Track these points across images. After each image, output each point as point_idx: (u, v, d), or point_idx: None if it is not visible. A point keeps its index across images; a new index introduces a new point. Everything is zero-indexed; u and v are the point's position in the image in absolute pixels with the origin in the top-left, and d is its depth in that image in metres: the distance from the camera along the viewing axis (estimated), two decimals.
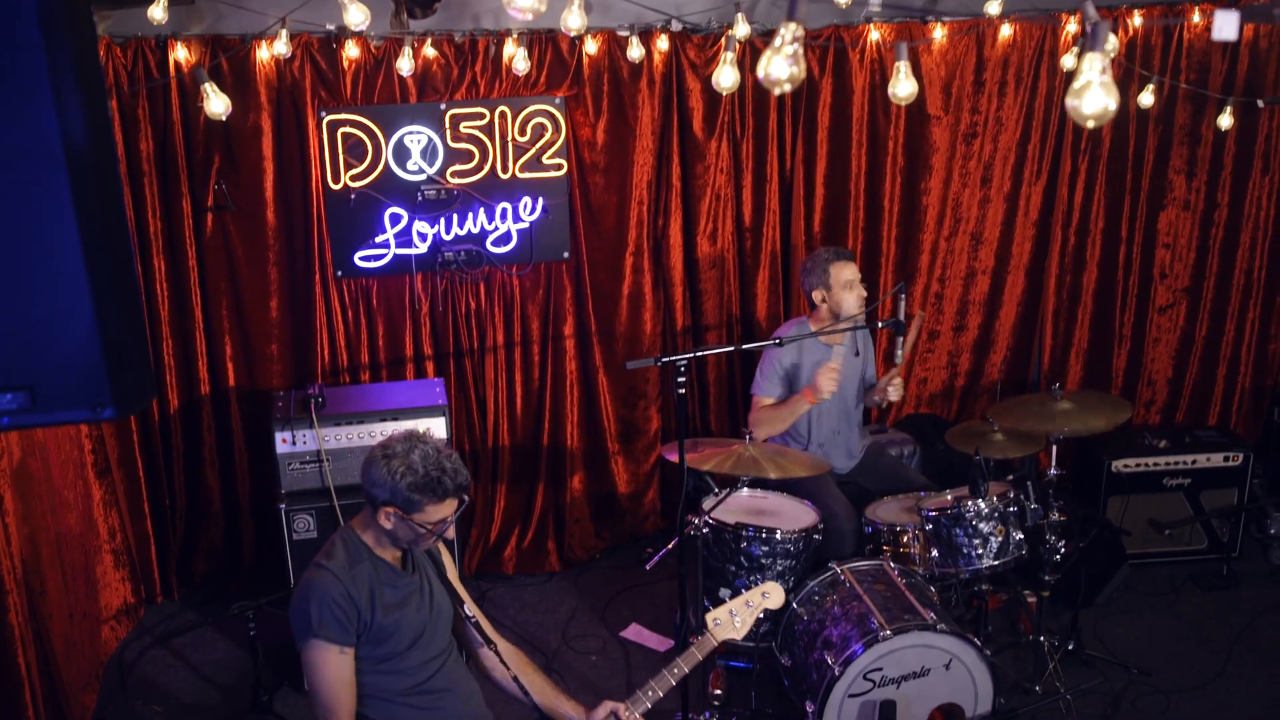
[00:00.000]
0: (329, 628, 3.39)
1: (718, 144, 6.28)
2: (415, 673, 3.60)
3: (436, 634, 3.67)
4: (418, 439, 3.45)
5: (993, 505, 5.05)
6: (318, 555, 3.56)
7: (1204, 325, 7.11)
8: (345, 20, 3.87)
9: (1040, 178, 6.72)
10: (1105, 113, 2.03)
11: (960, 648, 4.70)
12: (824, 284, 5.52)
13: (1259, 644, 5.86)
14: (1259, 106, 6.54)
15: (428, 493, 3.38)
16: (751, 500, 5.42)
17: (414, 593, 3.61)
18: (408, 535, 3.47)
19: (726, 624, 3.92)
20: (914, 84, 3.96)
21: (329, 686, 3.43)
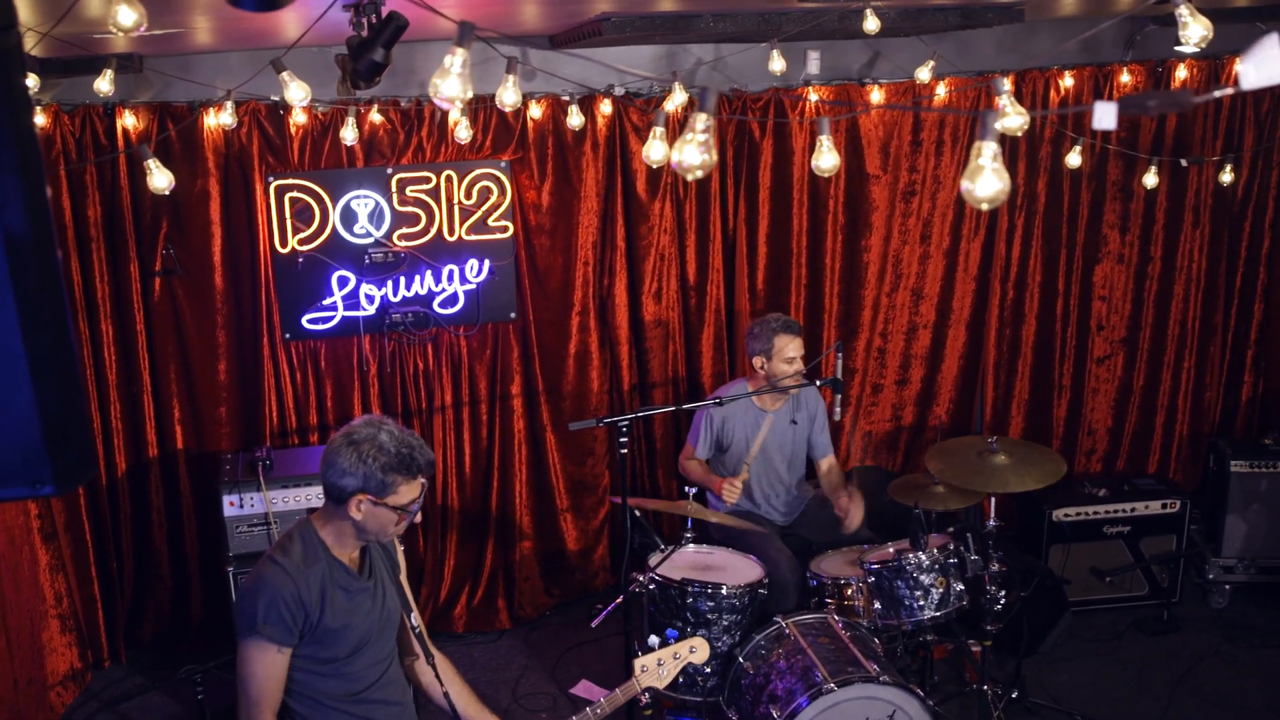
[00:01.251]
0: (273, 627, 3.31)
1: (661, 205, 6.40)
2: (355, 679, 3.52)
3: (382, 641, 3.59)
4: (379, 421, 3.39)
5: (933, 557, 5.13)
6: (271, 548, 3.47)
7: (1141, 375, 7.27)
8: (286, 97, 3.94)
9: (978, 234, 6.87)
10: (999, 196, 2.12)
11: (903, 699, 4.76)
12: (765, 352, 5.62)
13: (1200, 688, 5.95)
14: (1183, 165, 6.72)
15: (402, 470, 3.32)
16: (697, 556, 5.47)
17: (366, 597, 3.51)
18: (379, 524, 3.39)
19: (652, 672, 4.00)
20: (836, 157, 4.06)
21: (260, 683, 3.35)
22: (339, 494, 3.35)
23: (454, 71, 2.61)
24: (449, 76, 2.61)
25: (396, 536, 3.58)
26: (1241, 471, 6.57)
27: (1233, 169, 6.54)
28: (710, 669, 5.11)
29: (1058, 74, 6.68)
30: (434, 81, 2.62)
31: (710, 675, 5.11)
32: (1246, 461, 6.57)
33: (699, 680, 5.12)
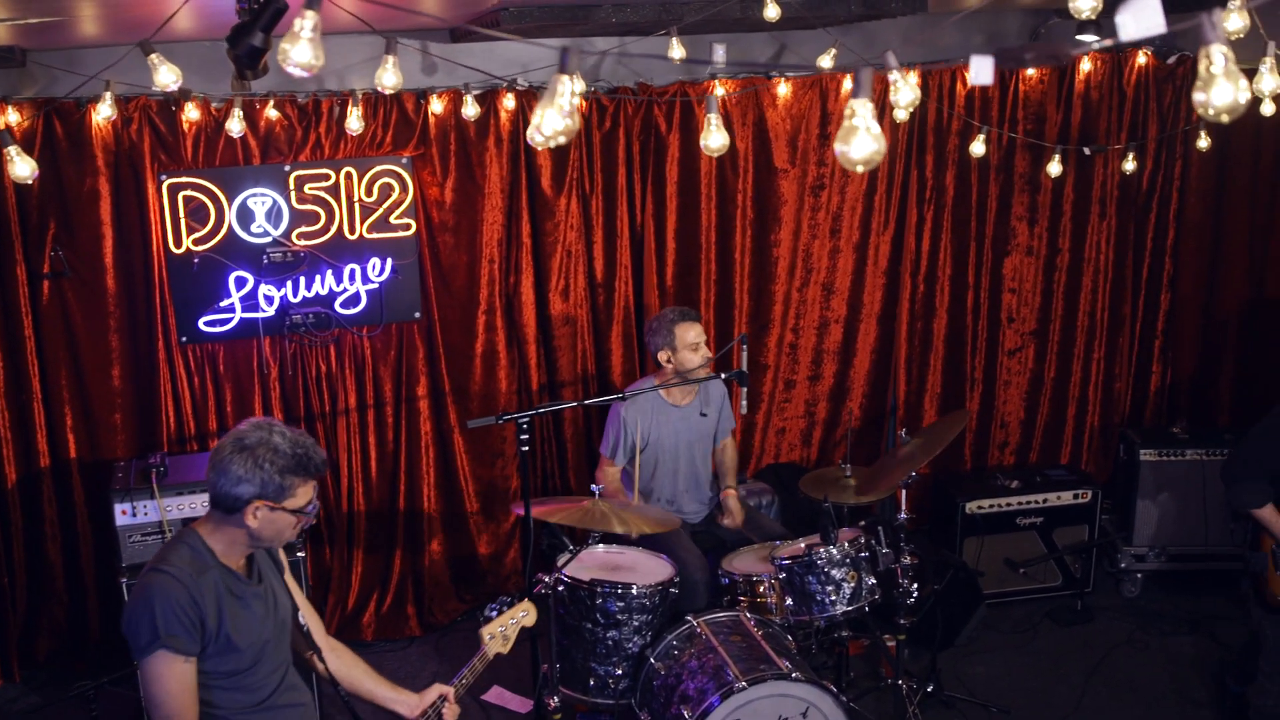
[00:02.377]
0: (177, 637, 3.13)
1: (567, 201, 6.29)
2: (257, 689, 3.38)
3: (280, 645, 3.48)
4: (267, 424, 3.26)
5: (844, 551, 5.08)
6: (154, 559, 3.30)
7: (1052, 367, 7.29)
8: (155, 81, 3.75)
9: (888, 227, 6.85)
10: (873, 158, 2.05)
11: (817, 695, 4.69)
12: (669, 344, 5.54)
13: (1113, 676, 5.97)
14: (1086, 154, 6.75)
15: (299, 472, 3.21)
16: (607, 556, 5.38)
17: (260, 603, 3.38)
18: (275, 530, 3.27)
19: (498, 639, 4.03)
20: (724, 136, 3.97)
21: (173, 697, 3.17)
22: (232, 503, 3.21)
23: (304, 36, 2.46)
24: (299, 42, 2.46)
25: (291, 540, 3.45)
26: (1151, 460, 6.60)
27: (1135, 157, 6.56)
28: (622, 671, 5.02)
29: (964, 68, 6.66)
30: (283, 47, 2.46)
31: (622, 677, 5.02)
32: (1156, 450, 6.60)
33: (610, 683, 5.03)
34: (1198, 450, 6.54)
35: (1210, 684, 5.83)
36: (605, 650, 5.02)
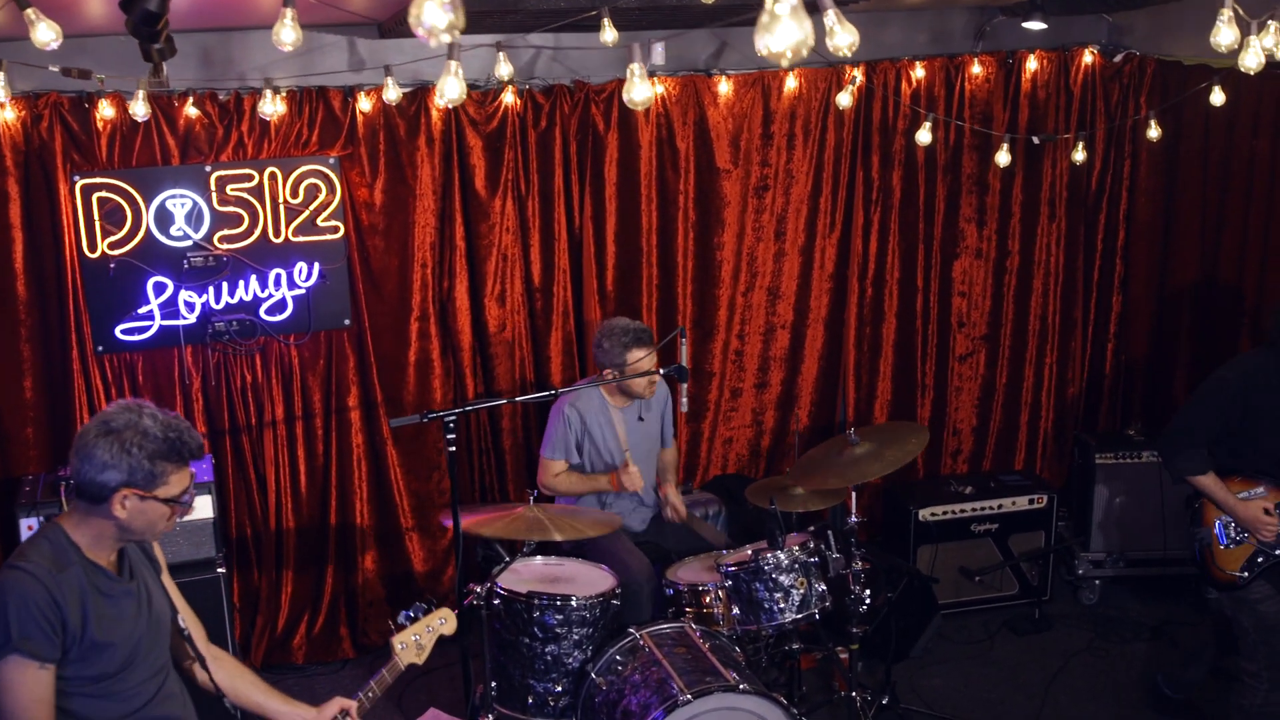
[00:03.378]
0: (32, 640, 2.86)
1: (502, 202, 6.07)
2: (129, 698, 3.10)
3: (156, 649, 3.20)
4: (137, 405, 3.01)
5: (792, 556, 4.87)
6: (11, 556, 3.03)
7: (1004, 372, 7.13)
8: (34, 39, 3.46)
9: (834, 230, 6.67)
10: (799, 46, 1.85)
11: (766, 708, 4.48)
12: (619, 368, 5.34)
13: (1073, 685, 5.80)
14: (1035, 143, 6.61)
15: (172, 457, 2.97)
16: (545, 568, 5.15)
17: (130, 602, 3.11)
18: (146, 521, 3.02)
19: (411, 648, 3.81)
20: (649, 88, 3.76)
21: (24, 708, 2.88)
22: (98, 491, 2.95)
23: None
24: None
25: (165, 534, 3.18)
26: (1107, 463, 6.44)
27: (1085, 147, 6.41)
28: (562, 688, 4.78)
29: (909, 65, 6.52)
30: None
31: (562, 694, 4.79)
32: (1112, 453, 6.45)
33: (550, 700, 4.79)
34: (1153, 452, 6.38)
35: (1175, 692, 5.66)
36: (544, 666, 4.79)
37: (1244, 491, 4.58)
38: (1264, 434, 4.51)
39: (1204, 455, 4.60)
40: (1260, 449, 4.54)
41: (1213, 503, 4.65)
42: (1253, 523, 4.51)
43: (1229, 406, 4.52)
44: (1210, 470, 4.59)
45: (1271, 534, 4.48)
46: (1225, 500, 4.58)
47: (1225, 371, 4.61)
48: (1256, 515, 4.50)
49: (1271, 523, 4.48)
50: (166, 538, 5.04)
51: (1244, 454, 4.59)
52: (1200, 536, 4.72)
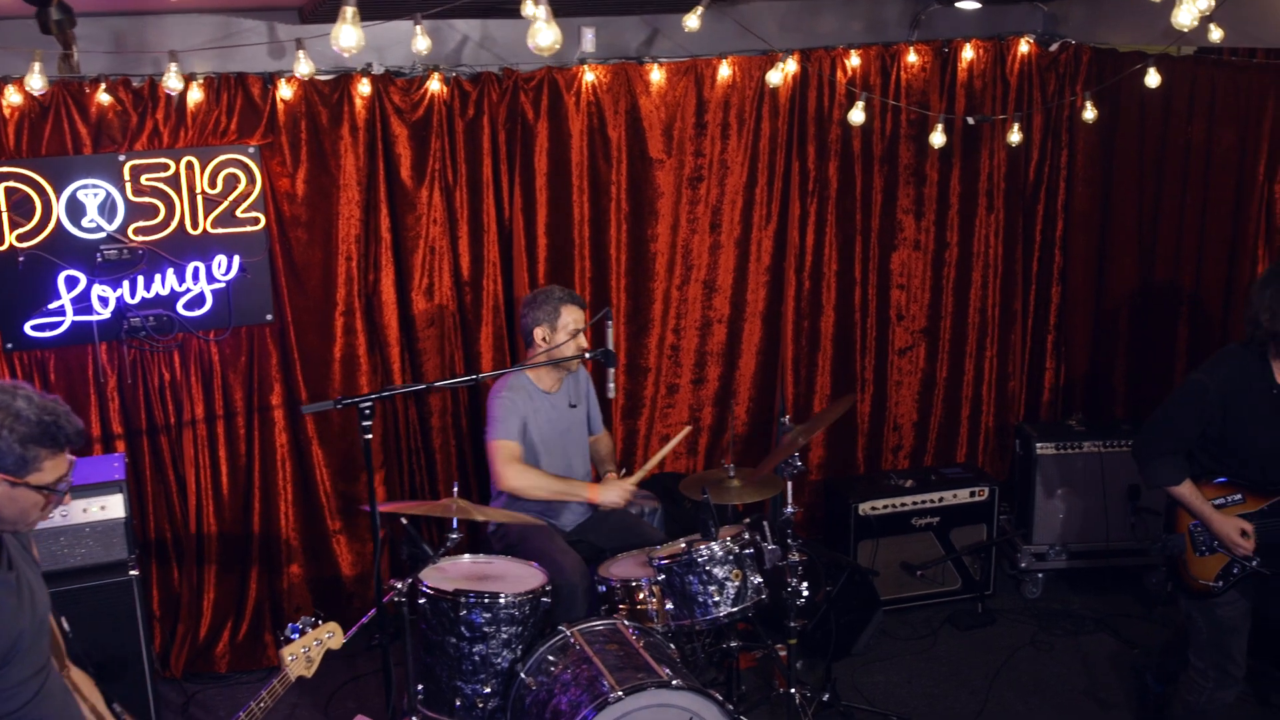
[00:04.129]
0: None
1: (429, 193, 5.90)
2: (9, 696, 2.91)
3: (37, 647, 3.00)
4: (12, 386, 2.86)
5: (726, 548, 4.73)
6: None
7: (944, 366, 7.05)
8: None
9: (770, 222, 6.55)
10: None
11: (701, 704, 4.33)
12: (550, 322, 5.19)
13: (1017, 679, 5.70)
14: (970, 123, 6.53)
15: (46, 442, 2.81)
16: (474, 566, 4.98)
17: (9, 593, 2.92)
18: (18, 509, 2.86)
19: (300, 660, 3.75)
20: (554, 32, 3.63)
21: None
22: None
23: None
24: None
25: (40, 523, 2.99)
26: (1048, 454, 6.35)
27: (1020, 129, 6.34)
28: (490, 689, 4.61)
29: (844, 53, 6.42)
30: None
31: (491, 696, 4.62)
32: (1053, 444, 6.36)
33: (478, 703, 4.62)
34: (1095, 442, 6.32)
35: (1120, 682, 5.60)
36: (471, 667, 4.62)
37: (1220, 498, 4.38)
38: (1242, 438, 4.31)
39: (1180, 463, 4.40)
40: (1238, 454, 4.35)
41: (1188, 512, 4.45)
42: (1228, 541, 4.31)
43: (1206, 413, 4.30)
44: (1186, 479, 4.38)
45: (1247, 552, 4.30)
46: (1202, 511, 4.37)
47: (1202, 376, 4.36)
48: (1233, 536, 4.30)
49: (1247, 544, 4.29)
50: (74, 538, 4.93)
51: (1221, 459, 4.39)
52: (1172, 544, 4.52)
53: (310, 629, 3.86)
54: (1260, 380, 4.26)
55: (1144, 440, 4.51)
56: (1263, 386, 4.26)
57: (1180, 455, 4.42)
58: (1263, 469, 4.33)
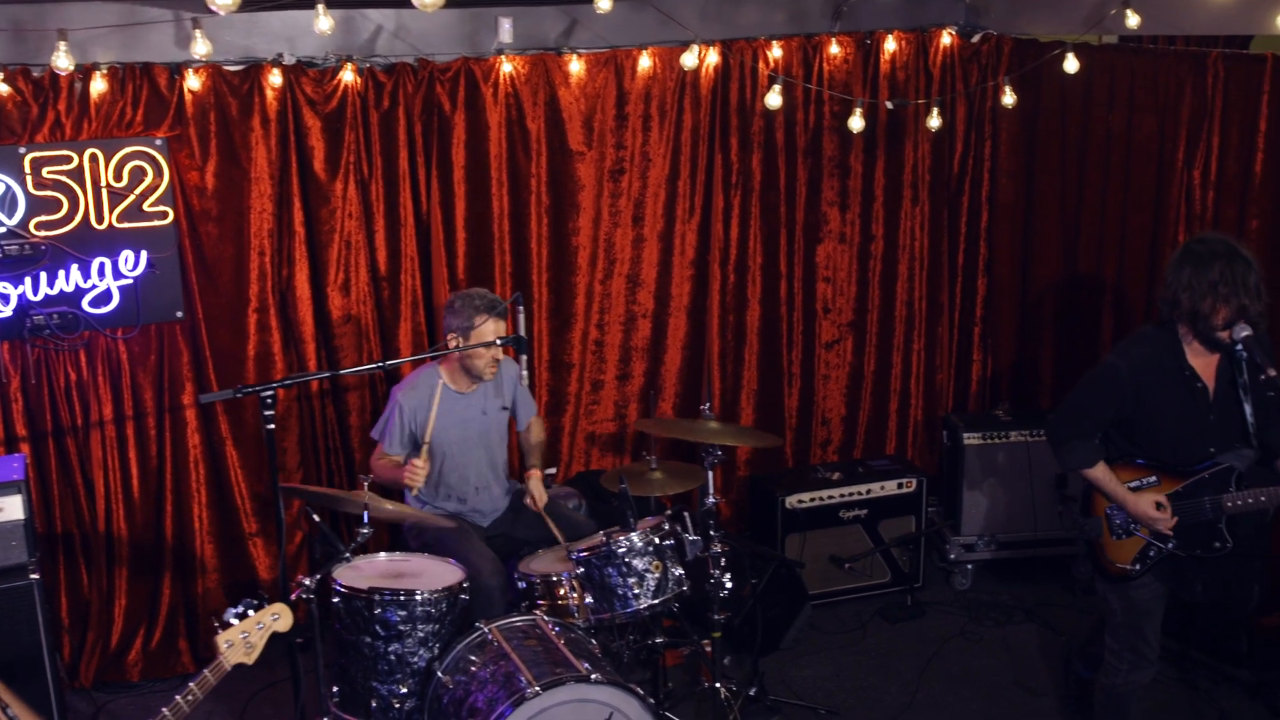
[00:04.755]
0: None
1: (344, 186, 5.77)
2: None
3: None
4: None
5: (646, 539, 4.65)
6: None
7: (872, 359, 7.01)
8: None
9: (694, 215, 6.48)
10: None
11: (621, 699, 4.26)
12: (463, 331, 5.06)
13: (947, 670, 5.68)
14: (889, 107, 6.50)
15: None
16: (390, 564, 4.87)
17: None
18: None
19: (238, 646, 3.65)
20: None
21: None
22: None
23: None
24: None
25: None
26: (975, 444, 6.34)
27: (940, 114, 6.32)
28: (407, 689, 4.50)
29: (765, 44, 6.36)
30: None
31: (408, 696, 4.51)
32: (979, 434, 6.35)
33: (395, 704, 4.52)
34: (1022, 431, 6.31)
35: (1049, 671, 5.62)
36: (387, 667, 4.52)
37: (1135, 481, 4.34)
38: (1155, 420, 4.27)
39: (1094, 446, 4.37)
40: (1153, 436, 4.31)
41: (1103, 495, 4.41)
42: (1144, 518, 4.27)
43: (1119, 395, 4.26)
44: (1100, 461, 4.34)
45: (1166, 528, 4.26)
46: (1116, 493, 4.33)
47: (1115, 359, 4.32)
48: (1148, 511, 4.26)
49: (1163, 518, 4.25)
50: None
51: (1136, 441, 4.35)
52: (1090, 527, 4.48)
53: (253, 611, 3.71)
54: (1173, 361, 4.23)
55: (1058, 424, 4.47)
56: (1175, 367, 4.23)
57: (1094, 438, 4.38)
58: (1176, 451, 4.30)
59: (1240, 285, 4.02)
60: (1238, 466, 4.24)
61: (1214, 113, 5.70)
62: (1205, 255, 4.08)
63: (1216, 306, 4.06)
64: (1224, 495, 4.23)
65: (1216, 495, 4.24)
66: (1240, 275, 4.03)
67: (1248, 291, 4.03)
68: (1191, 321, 4.14)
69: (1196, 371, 4.22)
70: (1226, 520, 4.26)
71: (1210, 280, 4.04)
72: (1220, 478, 4.25)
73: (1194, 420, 4.25)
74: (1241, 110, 5.59)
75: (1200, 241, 4.17)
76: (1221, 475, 4.25)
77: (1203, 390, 4.23)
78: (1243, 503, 4.21)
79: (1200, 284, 4.06)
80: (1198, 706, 5.31)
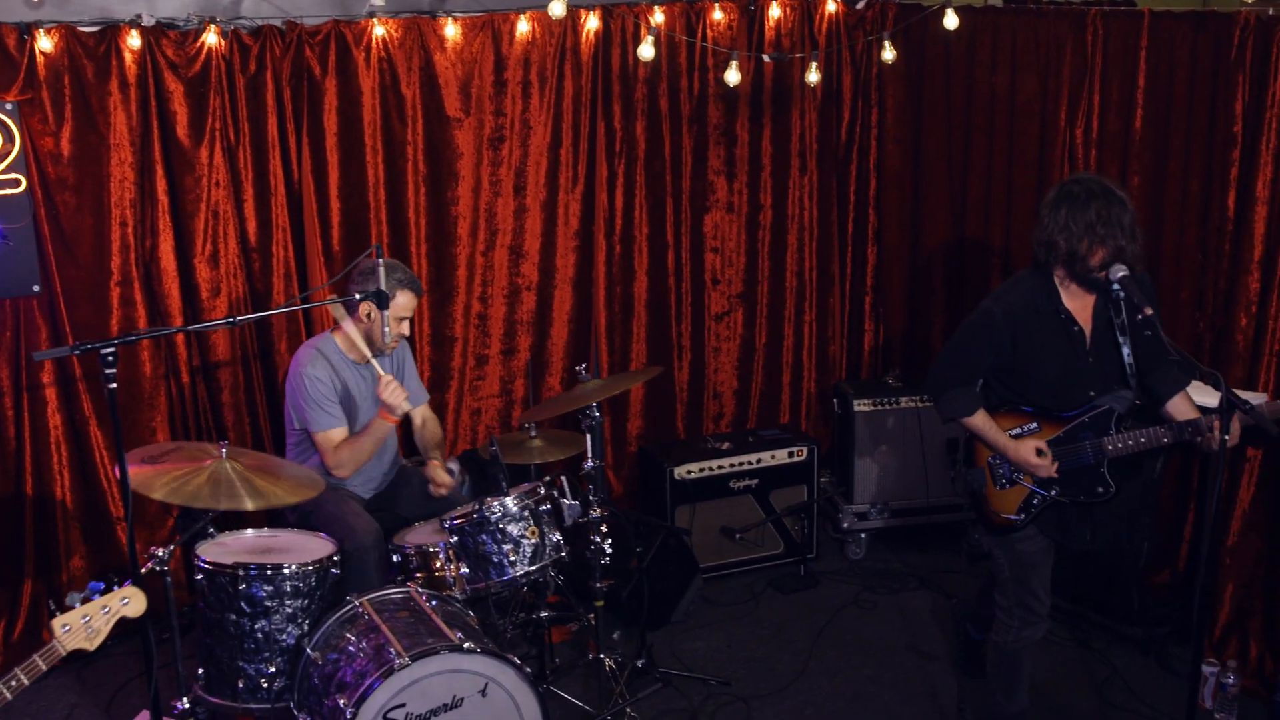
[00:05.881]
0: None
1: (210, 153, 5.55)
2: None
3: None
4: None
5: (521, 504, 4.49)
6: None
7: (763, 331, 6.92)
8: None
9: (577, 184, 6.34)
10: None
11: (497, 669, 4.10)
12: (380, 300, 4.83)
13: (841, 638, 5.59)
14: (766, 60, 6.43)
15: None
16: (258, 540, 4.66)
17: None
18: None
19: (77, 631, 3.38)
20: None
21: None
22: None
23: None
24: None
25: None
26: (866, 411, 6.26)
27: (819, 69, 6.25)
28: (276, 668, 4.29)
29: (648, 9, 6.24)
30: None
31: (276, 675, 4.30)
32: (870, 401, 6.27)
33: (263, 683, 4.31)
34: (912, 398, 6.26)
35: (942, 635, 5.55)
36: (254, 645, 4.31)
37: (1016, 428, 4.27)
38: (1032, 365, 4.20)
39: (972, 394, 4.29)
40: (1031, 381, 4.24)
41: (984, 444, 4.33)
42: (1026, 464, 4.20)
43: (996, 340, 4.18)
44: (980, 409, 4.26)
45: (1048, 473, 4.20)
46: (997, 440, 4.25)
47: (989, 303, 4.23)
48: (1029, 457, 4.19)
49: (1045, 464, 4.19)
50: None
51: (1015, 387, 4.28)
52: (973, 478, 4.40)
53: (98, 595, 3.46)
54: (1049, 304, 4.16)
55: (936, 373, 4.38)
56: (1051, 310, 4.15)
57: (973, 386, 4.31)
58: (1055, 396, 4.23)
59: (1117, 226, 3.95)
60: (1117, 408, 4.18)
61: (1094, 70, 5.68)
62: (1081, 196, 4.00)
63: (1094, 248, 3.99)
64: (1104, 438, 4.17)
65: (1097, 439, 4.18)
66: (1116, 216, 3.95)
67: (1124, 232, 3.96)
68: (1068, 264, 4.07)
69: (1073, 314, 4.15)
70: (1109, 465, 4.20)
71: (1087, 221, 3.96)
72: (1100, 420, 4.19)
73: (1071, 363, 4.18)
74: (1121, 67, 5.58)
75: (1076, 182, 4.07)
76: (1101, 418, 4.19)
77: (1079, 333, 4.16)
78: (1123, 445, 4.16)
79: (1077, 225, 3.98)
80: (1091, 665, 5.27)
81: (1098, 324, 4.18)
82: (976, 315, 4.26)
